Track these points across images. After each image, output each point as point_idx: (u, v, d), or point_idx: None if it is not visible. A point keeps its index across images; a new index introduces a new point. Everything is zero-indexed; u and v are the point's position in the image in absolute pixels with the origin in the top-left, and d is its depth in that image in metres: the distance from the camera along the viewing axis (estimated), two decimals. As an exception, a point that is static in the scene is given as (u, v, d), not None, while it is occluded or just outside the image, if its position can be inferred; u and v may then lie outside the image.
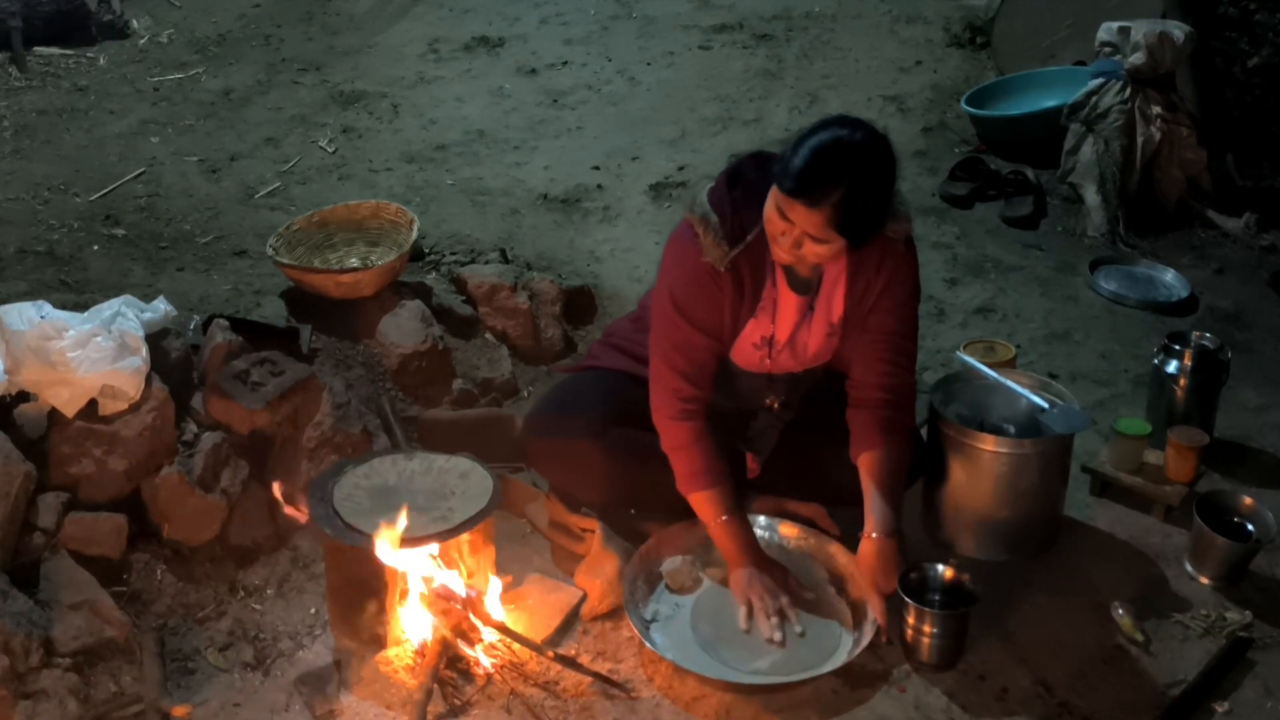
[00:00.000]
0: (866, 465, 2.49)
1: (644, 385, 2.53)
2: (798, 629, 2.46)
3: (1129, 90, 4.12)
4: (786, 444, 2.68)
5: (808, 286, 2.47)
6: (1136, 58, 4.06)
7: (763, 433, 2.68)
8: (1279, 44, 4.32)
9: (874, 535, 2.44)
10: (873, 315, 2.49)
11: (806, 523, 2.67)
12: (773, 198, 2.25)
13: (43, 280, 3.30)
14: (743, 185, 2.39)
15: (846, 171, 2.17)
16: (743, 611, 2.48)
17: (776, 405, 2.64)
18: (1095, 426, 3.03)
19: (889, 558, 2.43)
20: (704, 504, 2.49)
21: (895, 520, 2.45)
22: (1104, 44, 4.19)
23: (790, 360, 2.56)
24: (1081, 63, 4.64)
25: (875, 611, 2.41)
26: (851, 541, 2.52)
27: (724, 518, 2.49)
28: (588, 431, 2.59)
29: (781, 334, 2.51)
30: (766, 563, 2.53)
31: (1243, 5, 4.46)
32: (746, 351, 2.54)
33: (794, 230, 2.23)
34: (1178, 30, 4.05)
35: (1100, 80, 4.18)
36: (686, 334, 2.44)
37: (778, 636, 2.43)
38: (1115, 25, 4.15)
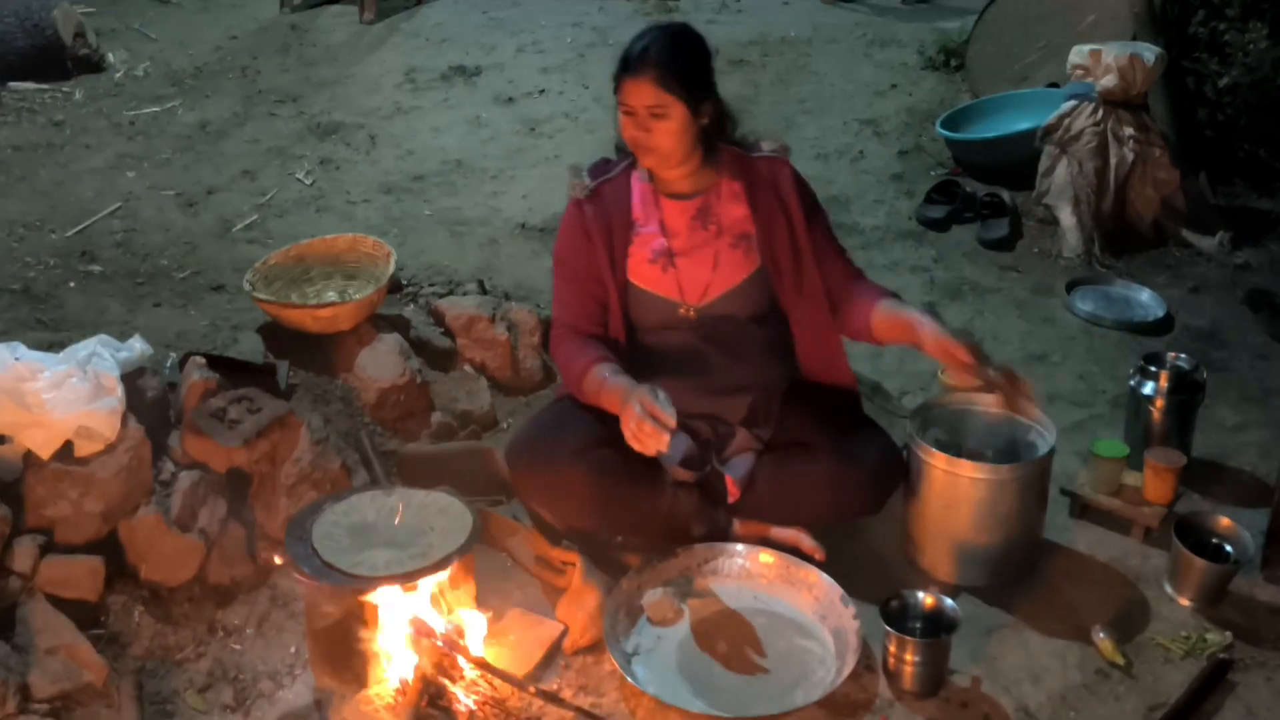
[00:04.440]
0: (880, 311, 2.61)
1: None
2: (668, 451, 2.37)
3: (1101, 112, 4.16)
4: (765, 465, 2.70)
5: (683, 193, 2.64)
6: (1108, 80, 4.09)
7: (741, 455, 2.71)
8: (1249, 64, 4.36)
9: (922, 327, 2.51)
10: (813, 266, 2.65)
11: (790, 550, 2.67)
12: (619, 109, 2.52)
13: (18, 319, 3.28)
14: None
15: (656, 37, 2.50)
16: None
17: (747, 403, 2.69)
18: (1074, 449, 3.04)
19: (945, 333, 2.49)
20: (590, 380, 2.55)
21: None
22: (1076, 66, 4.22)
23: (698, 272, 2.63)
24: (1054, 85, 4.68)
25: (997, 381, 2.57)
26: (844, 542, 2.58)
27: (606, 377, 2.52)
28: (569, 454, 2.59)
29: (676, 243, 2.63)
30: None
31: (1212, 26, 4.51)
32: (644, 270, 2.65)
33: (636, 114, 2.49)
34: (1148, 52, 4.09)
35: (1073, 102, 4.22)
36: (568, 278, 2.68)
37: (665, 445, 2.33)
38: (1087, 48, 4.18)
